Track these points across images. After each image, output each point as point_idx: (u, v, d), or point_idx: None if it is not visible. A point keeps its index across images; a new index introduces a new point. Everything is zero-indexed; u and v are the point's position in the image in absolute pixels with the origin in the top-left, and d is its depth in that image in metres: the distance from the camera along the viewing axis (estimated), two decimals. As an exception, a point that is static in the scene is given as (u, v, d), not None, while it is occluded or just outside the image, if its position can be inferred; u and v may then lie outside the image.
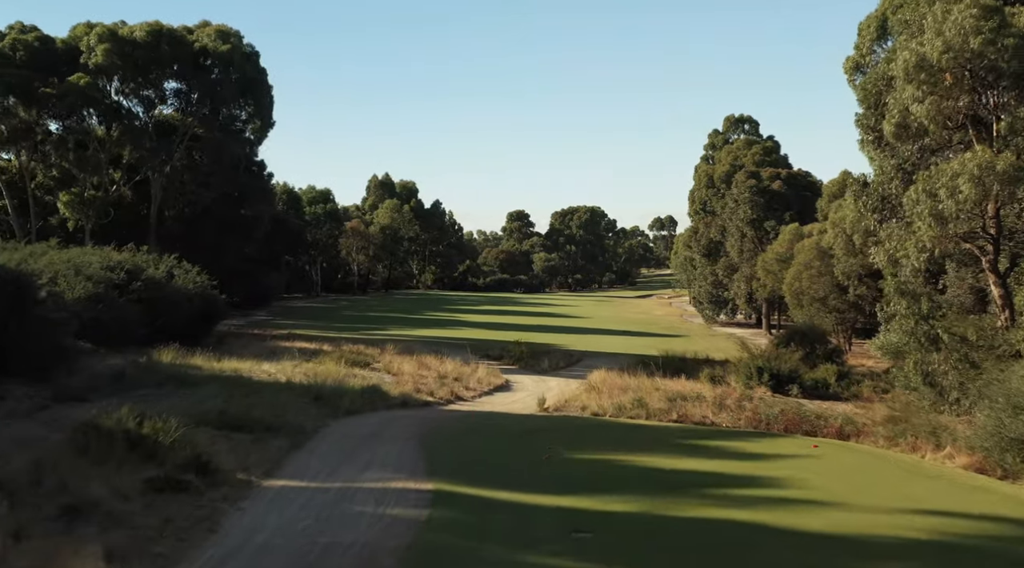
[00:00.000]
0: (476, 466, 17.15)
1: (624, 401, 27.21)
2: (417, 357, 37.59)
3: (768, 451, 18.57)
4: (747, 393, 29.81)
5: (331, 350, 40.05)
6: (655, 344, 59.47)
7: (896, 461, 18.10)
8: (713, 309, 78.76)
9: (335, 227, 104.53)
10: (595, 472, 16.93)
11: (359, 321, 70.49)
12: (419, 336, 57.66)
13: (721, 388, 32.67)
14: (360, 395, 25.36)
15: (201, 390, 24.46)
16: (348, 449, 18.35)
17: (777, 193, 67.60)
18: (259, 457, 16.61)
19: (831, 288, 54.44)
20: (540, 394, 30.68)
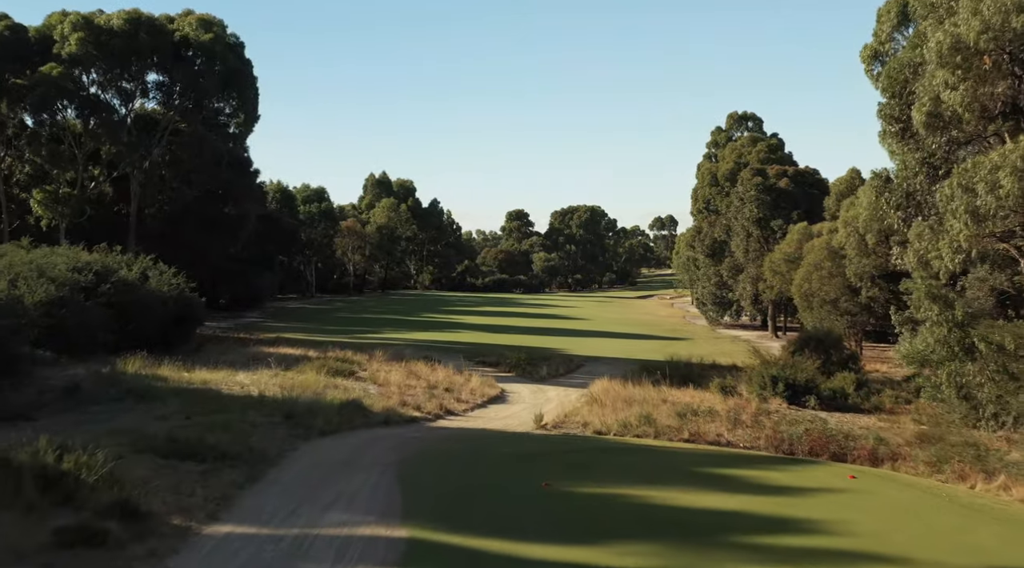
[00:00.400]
0: (461, 503, 14.62)
1: (630, 417, 24.66)
2: (407, 365, 35.05)
3: (799, 483, 16.06)
4: (763, 407, 27.25)
5: (316, 357, 37.57)
6: (659, 348, 56.97)
7: (949, 497, 15.64)
8: (717, 311, 76.24)
9: (330, 226, 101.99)
10: (602, 510, 14.40)
11: (352, 323, 67.94)
12: (413, 340, 55.13)
13: (733, 400, 30.11)
14: (338, 411, 22.81)
15: (161, 406, 21.95)
16: (314, 481, 15.81)
17: (784, 191, 65.07)
18: (206, 493, 14.07)
19: (842, 290, 51.92)
20: (537, 408, 28.15)
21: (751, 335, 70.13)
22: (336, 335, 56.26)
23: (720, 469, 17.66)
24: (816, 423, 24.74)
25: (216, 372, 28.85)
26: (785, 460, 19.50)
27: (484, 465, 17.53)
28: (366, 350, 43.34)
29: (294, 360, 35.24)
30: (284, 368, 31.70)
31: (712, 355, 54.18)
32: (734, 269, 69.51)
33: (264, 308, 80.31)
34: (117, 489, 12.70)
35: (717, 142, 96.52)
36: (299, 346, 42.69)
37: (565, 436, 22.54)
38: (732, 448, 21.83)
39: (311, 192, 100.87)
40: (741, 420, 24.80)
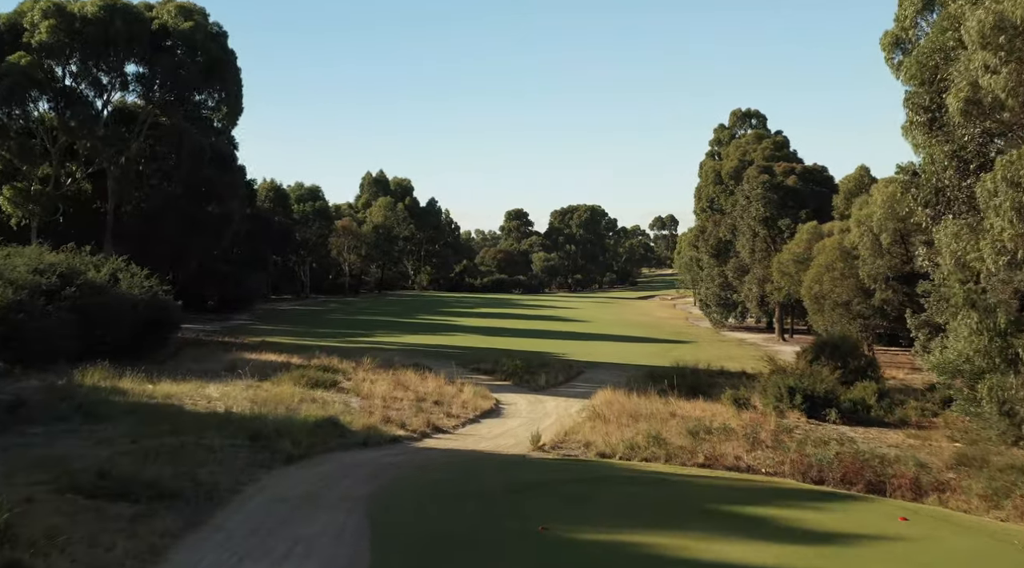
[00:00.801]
0: (441, 555, 12.11)
1: (637, 436, 22.15)
2: (395, 374, 32.54)
3: (842, 527, 13.53)
4: (783, 423, 24.74)
5: (299, 364, 35.10)
6: (662, 352, 54.50)
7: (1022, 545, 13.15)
8: (721, 312, 73.71)
9: (325, 226, 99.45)
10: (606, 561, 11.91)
11: (344, 326, 65.44)
12: (406, 344, 52.66)
13: (748, 414, 27.62)
14: (311, 431, 20.30)
15: (111, 426, 19.45)
16: (268, 525, 13.30)
17: (792, 189, 62.53)
18: (130, 547, 11.55)
19: (855, 292, 49.42)
20: (535, 424, 25.63)
21: (757, 338, 67.66)
22: (326, 339, 53.81)
23: (744, 506, 15.14)
24: (845, 444, 22.19)
25: (183, 384, 26.34)
26: (818, 494, 16.95)
27: (471, 500, 15.02)
28: (355, 356, 40.92)
29: (274, 368, 32.76)
30: (261, 378, 29.22)
31: (719, 360, 51.70)
32: (739, 270, 66.97)
33: (254, 310, 77.83)
34: (8, 549, 10.16)
35: (720, 140, 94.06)
36: (283, 352, 40.20)
37: (565, 460, 20.01)
38: (753, 474, 19.30)
39: (305, 191, 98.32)
40: (760, 439, 22.28)
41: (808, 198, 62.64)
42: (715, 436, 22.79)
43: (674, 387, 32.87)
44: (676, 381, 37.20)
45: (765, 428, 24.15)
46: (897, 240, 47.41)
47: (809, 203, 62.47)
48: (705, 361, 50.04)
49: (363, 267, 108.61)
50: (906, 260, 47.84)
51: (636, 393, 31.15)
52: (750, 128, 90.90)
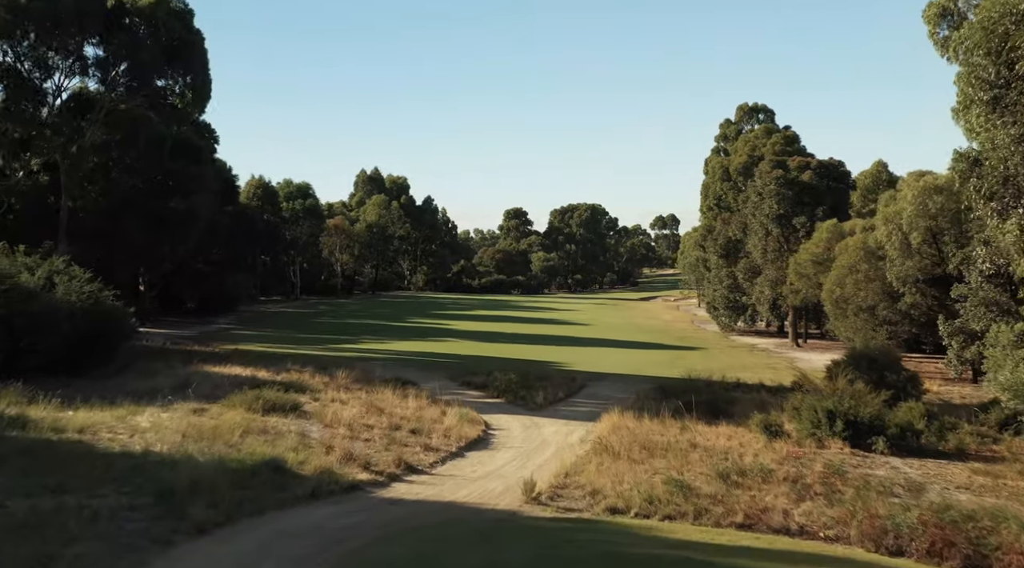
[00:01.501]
0: None
1: (654, 479, 17.76)
2: (370, 393, 28.12)
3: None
4: (831, 463, 20.28)
5: (266, 379, 30.78)
6: (669, 360, 50.10)
7: None
8: (730, 316, 69.27)
9: (316, 224, 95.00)
10: None
11: (331, 331, 61.03)
12: (393, 352, 48.26)
13: (781, 443, 23.22)
14: (244, 480, 15.88)
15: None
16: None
17: (807, 185, 58.10)
18: None
19: (881, 295, 45.02)
20: (529, 459, 21.24)
21: (768, 343, 63.24)
22: (306, 346, 49.42)
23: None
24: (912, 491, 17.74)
25: (112, 410, 21.90)
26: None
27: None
28: (333, 367, 36.56)
29: (235, 385, 28.37)
30: (212, 400, 24.82)
31: (732, 369, 47.29)
32: (750, 271, 62.56)
33: (239, 312, 73.44)
34: None
35: (727, 135, 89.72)
36: (253, 363, 35.82)
37: (566, 522, 15.52)
38: (810, 540, 14.86)
39: (294, 188, 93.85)
40: (809, 485, 17.87)
41: (824, 194, 58.24)
42: (750, 479, 18.37)
43: (690, 408, 28.51)
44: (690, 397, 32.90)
45: (809, 468, 19.74)
46: (928, 239, 43.04)
47: (825, 200, 58.07)
48: (718, 371, 45.64)
49: (356, 267, 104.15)
50: (937, 261, 43.47)
51: (647, 414, 26.82)
52: (757, 123, 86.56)
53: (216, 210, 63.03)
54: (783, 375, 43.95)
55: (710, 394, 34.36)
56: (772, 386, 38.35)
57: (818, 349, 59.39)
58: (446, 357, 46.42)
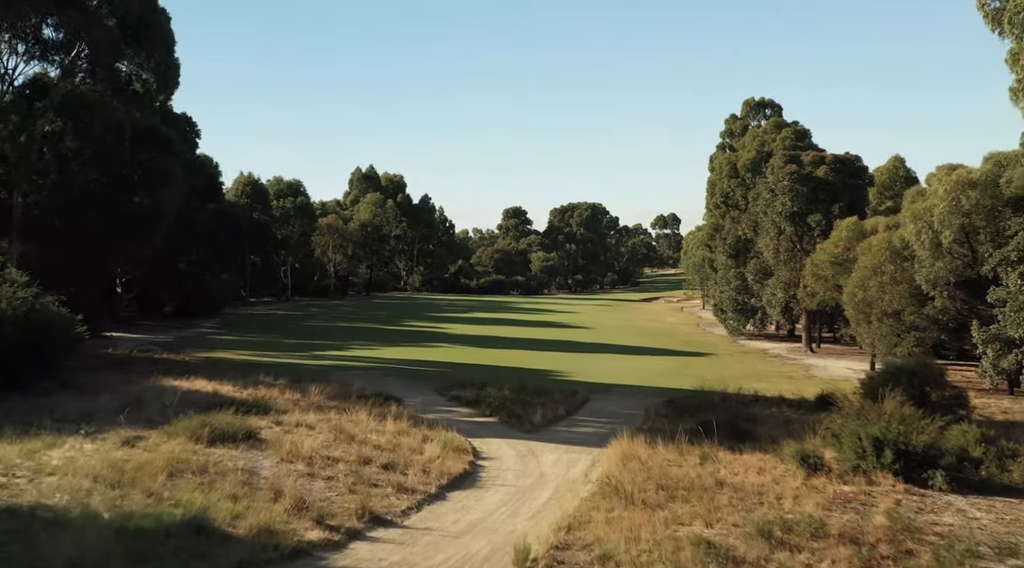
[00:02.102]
0: None
1: (679, 538, 14.07)
2: (343, 413, 24.43)
3: None
4: (898, 515, 16.52)
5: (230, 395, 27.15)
6: (678, 367, 46.42)
7: None
8: (738, 319, 65.54)
9: (308, 223, 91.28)
10: None
11: (317, 335, 57.35)
12: (381, 359, 44.57)
13: (823, 479, 19.52)
14: (155, 545, 12.20)
15: None
16: None
17: (823, 181, 54.36)
18: None
19: (908, 299, 41.30)
20: (525, 501, 17.55)
21: (780, 348, 59.55)
22: (288, 353, 45.74)
23: None
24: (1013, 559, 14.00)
25: (21, 442, 18.16)
26: None
27: None
28: (311, 379, 32.95)
29: (190, 404, 24.73)
30: (153, 425, 21.13)
31: (745, 378, 43.61)
32: (761, 272, 58.84)
33: (224, 315, 69.78)
34: None
35: (732, 131, 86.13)
36: (221, 375, 32.15)
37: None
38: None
39: (285, 185, 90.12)
40: (871, 543, 14.16)
41: (841, 191, 54.51)
42: (798, 535, 14.65)
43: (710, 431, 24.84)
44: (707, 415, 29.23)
45: (867, 517, 16.04)
46: (960, 238, 39.31)
47: (843, 196, 54.35)
48: (731, 381, 41.94)
49: (351, 268, 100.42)
50: (970, 262, 39.74)
51: (660, 438, 23.14)
52: (764, 118, 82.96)
53: (197, 207, 59.40)
54: (803, 386, 40.28)
55: (728, 411, 30.70)
56: (794, 400, 34.67)
57: (833, 355, 55.73)
58: (437, 366, 42.74)
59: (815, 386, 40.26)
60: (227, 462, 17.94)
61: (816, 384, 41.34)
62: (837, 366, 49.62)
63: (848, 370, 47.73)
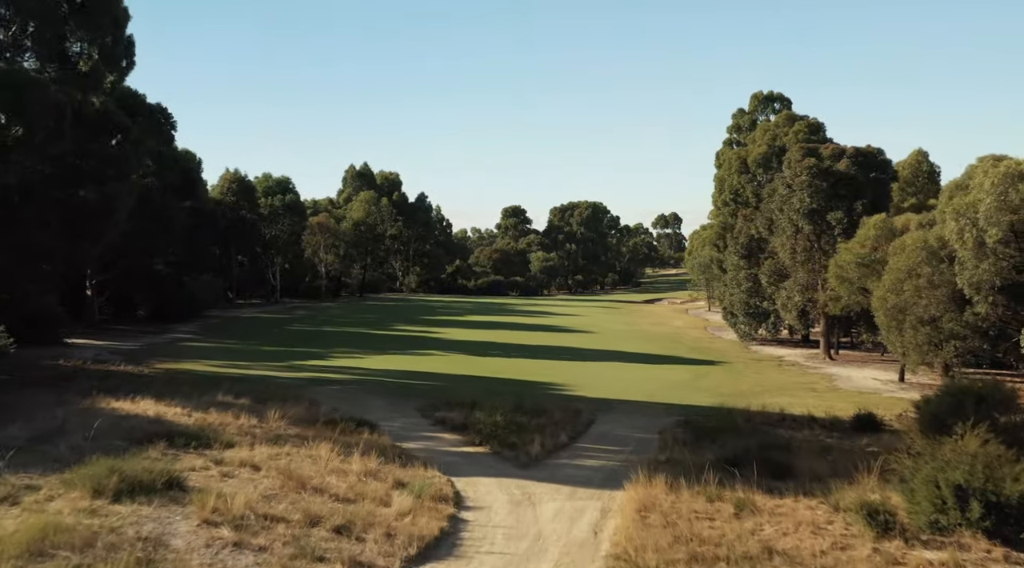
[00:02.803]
0: None
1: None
2: (299, 450, 20.14)
3: None
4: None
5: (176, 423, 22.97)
6: (691, 379, 42.15)
7: None
8: (750, 323, 61.23)
9: (298, 222, 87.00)
10: None
11: (300, 342, 53.06)
12: (365, 370, 40.30)
13: (897, 542, 15.26)
14: None
15: None
16: None
17: (845, 176, 50.04)
18: None
19: (947, 304, 37.02)
20: (517, 584, 13.31)
21: (796, 355, 55.27)
22: (262, 362, 41.46)
23: None
24: None
25: None
26: None
27: None
28: (278, 397, 28.73)
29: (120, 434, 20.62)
30: (51, 471, 16.85)
31: (764, 390, 39.39)
32: (776, 273, 54.53)
33: (206, 318, 65.47)
34: None
35: (740, 126, 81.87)
36: (174, 394, 27.89)
37: None
38: None
39: (273, 182, 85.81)
40: None
41: (864, 186, 50.19)
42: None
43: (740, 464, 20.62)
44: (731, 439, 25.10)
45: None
46: (1008, 238, 35.07)
47: (866, 192, 50.03)
48: (750, 395, 37.69)
49: (343, 268, 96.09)
50: (1019, 264, 35.50)
51: (682, 476, 18.91)
52: (773, 113, 78.71)
53: (173, 205, 55.14)
54: (831, 400, 36.05)
55: (754, 434, 26.51)
56: (826, 420, 30.46)
57: (854, 362, 51.45)
58: (425, 378, 38.46)
59: (845, 401, 36.04)
60: (128, 529, 13.66)
61: (844, 398, 37.13)
62: (862, 376, 45.36)
63: (874, 381, 43.51)
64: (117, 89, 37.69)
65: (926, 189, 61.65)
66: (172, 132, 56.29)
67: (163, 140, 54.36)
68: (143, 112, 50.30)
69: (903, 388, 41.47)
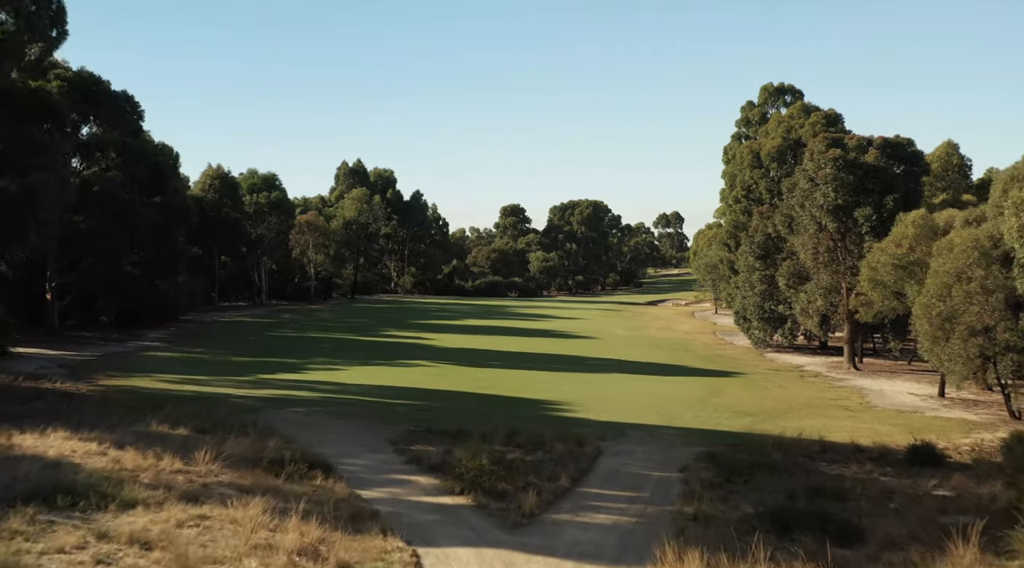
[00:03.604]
0: None
1: None
2: (213, 517, 15.31)
3: None
4: None
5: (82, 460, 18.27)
6: (709, 394, 37.26)
7: None
8: (764, 328, 56.30)
9: (284, 220, 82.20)
10: None
11: (276, 350, 48.26)
12: (339, 387, 35.49)
13: None
14: None
15: None
16: None
17: (873, 168, 45.16)
18: None
19: (1004, 312, 32.16)
20: None
21: (817, 364, 50.43)
22: (226, 377, 36.64)
23: None
24: None
25: None
26: None
27: None
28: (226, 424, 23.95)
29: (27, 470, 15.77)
30: None
31: (790, 408, 34.54)
32: (795, 276, 49.69)
33: (181, 324, 60.69)
34: None
35: (749, 119, 77.12)
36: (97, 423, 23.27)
37: None
38: None
39: (259, 179, 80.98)
40: None
41: (895, 180, 45.34)
42: None
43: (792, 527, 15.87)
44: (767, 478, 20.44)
45: None
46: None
47: (897, 186, 45.17)
48: (776, 414, 32.84)
49: (333, 269, 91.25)
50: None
51: (721, 547, 14.10)
52: (784, 106, 73.94)
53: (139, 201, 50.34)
54: (870, 422, 31.25)
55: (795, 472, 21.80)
56: (873, 449, 25.64)
57: (882, 373, 46.57)
58: (409, 395, 33.66)
59: (886, 423, 31.21)
60: None
61: (884, 419, 32.29)
62: (895, 390, 40.48)
63: (911, 396, 38.62)
64: (77, 74, 32.94)
65: (957, 184, 56.78)
66: (139, 122, 51.53)
67: (127, 130, 49.58)
68: (105, 100, 45.61)
69: (946, 405, 36.65)
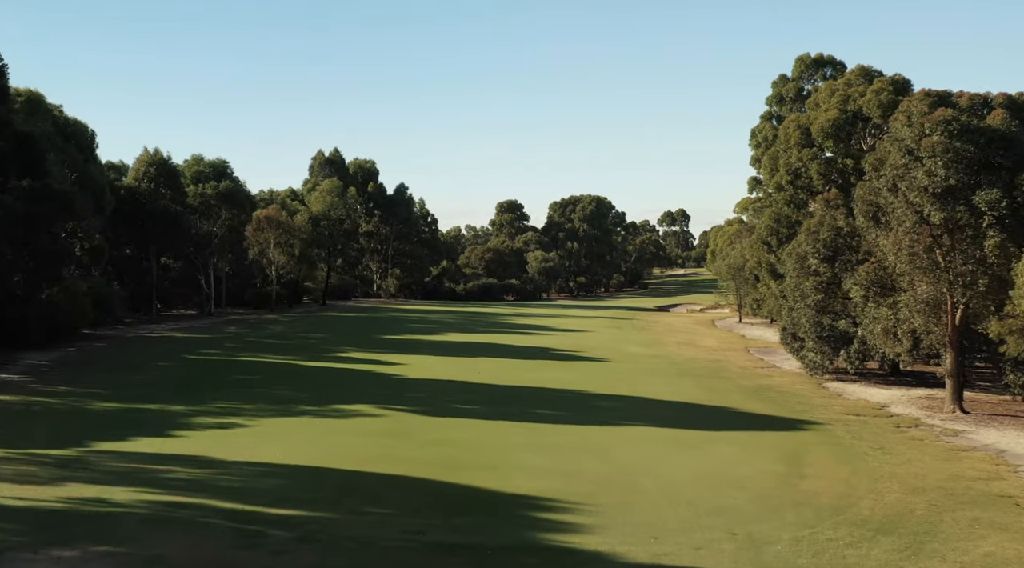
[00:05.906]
0: None
1: None
2: None
3: None
4: None
5: None
6: (787, 475, 23.26)
7: None
8: (822, 350, 42.44)
9: (238, 215, 68.43)
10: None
11: (180, 384, 34.53)
12: (206, 475, 21.71)
13: None
14: None
15: None
16: None
17: (1001, 136, 31.31)
18: None
19: None
20: None
21: (904, 401, 36.78)
22: (34, 451, 22.92)
23: None
24: None
25: None
26: None
27: None
28: None
29: None
30: None
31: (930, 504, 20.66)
32: (880, 285, 35.90)
33: (86, 342, 47.07)
34: None
35: (783, 96, 63.52)
36: None
37: None
38: None
39: (206, 167, 67.19)
40: None
41: None
42: None
43: None
44: None
45: None
46: None
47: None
48: (915, 519, 19.30)
49: (300, 271, 77.43)
50: None
51: None
52: (823, 79, 60.29)
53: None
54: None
55: None
56: None
57: (1006, 420, 32.73)
58: (308, 489, 19.83)
59: None
60: None
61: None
62: (1055, 457, 26.55)
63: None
64: None
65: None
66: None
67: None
68: None
69: None
